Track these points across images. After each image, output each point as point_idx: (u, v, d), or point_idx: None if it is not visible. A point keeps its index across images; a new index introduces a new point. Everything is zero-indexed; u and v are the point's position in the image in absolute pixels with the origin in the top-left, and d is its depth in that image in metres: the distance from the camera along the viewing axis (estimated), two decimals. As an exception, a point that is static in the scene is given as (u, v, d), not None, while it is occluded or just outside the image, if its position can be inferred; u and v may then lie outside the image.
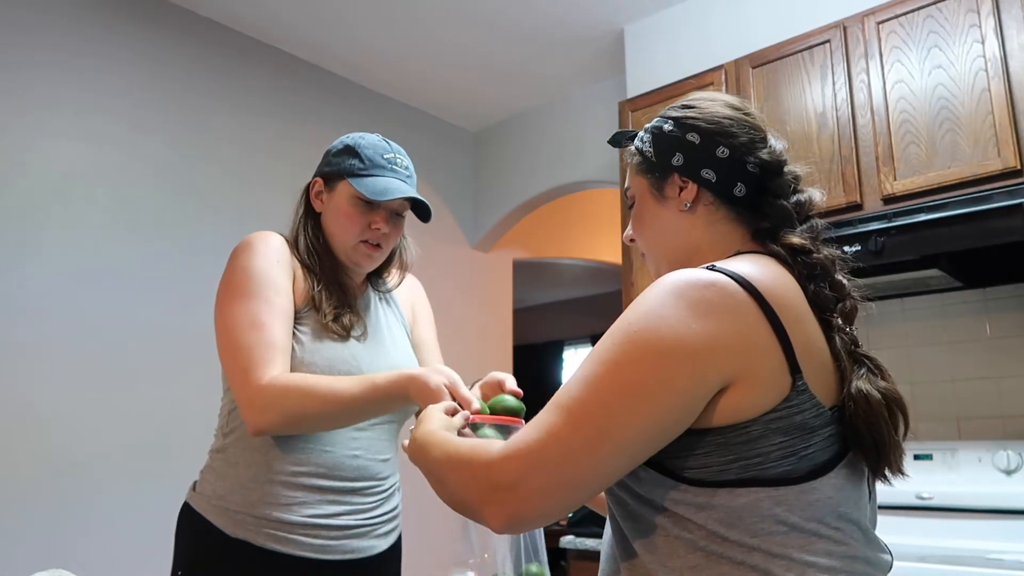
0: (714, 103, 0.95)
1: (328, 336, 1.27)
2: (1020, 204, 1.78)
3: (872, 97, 2.14)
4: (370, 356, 1.32)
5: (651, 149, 0.95)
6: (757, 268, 0.81)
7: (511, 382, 1.18)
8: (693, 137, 0.92)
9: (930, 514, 1.95)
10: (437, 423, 0.94)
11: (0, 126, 2.37)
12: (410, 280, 1.53)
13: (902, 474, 0.82)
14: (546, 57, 3.27)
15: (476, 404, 1.08)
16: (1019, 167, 1.86)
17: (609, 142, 1.06)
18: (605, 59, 3.25)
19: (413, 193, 1.34)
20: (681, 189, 0.92)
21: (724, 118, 0.92)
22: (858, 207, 2.09)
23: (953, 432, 2.17)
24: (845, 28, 2.23)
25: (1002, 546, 1.78)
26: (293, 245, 1.36)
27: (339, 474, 1.27)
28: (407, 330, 1.46)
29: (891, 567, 0.81)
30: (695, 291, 0.76)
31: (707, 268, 0.79)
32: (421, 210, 1.38)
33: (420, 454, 0.89)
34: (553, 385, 7.42)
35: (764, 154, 0.91)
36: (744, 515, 0.74)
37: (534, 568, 1.06)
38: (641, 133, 0.99)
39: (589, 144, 3.45)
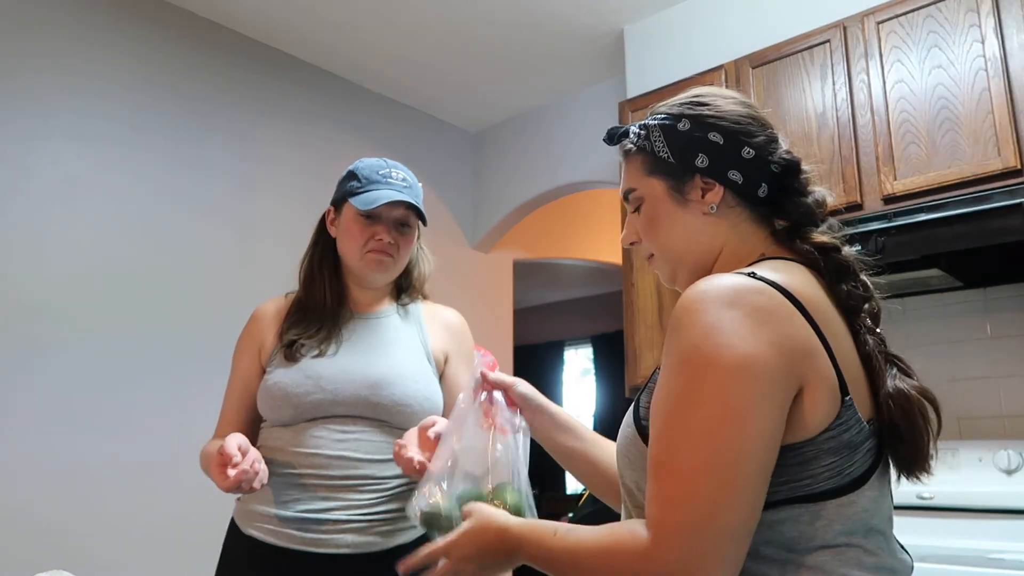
0: (727, 100, 0.91)
1: (283, 364, 1.40)
2: (1020, 204, 1.78)
3: (872, 97, 2.14)
4: (335, 369, 1.38)
5: (667, 149, 0.90)
6: (793, 277, 0.79)
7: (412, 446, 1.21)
8: (716, 137, 0.88)
9: (931, 514, 1.95)
10: (500, 514, 0.87)
11: (0, 128, 2.37)
12: (452, 317, 1.56)
13: (929, 473, 0.81)
14: (546, 57, 3.27)
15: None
16: (1019, 167, 1.86)
17: (604, 140, 0.99)
18: (605, 59, 3.25)
19: (403, 198, 1.40)
20: (704, 191, 0.88)
21: (743, 116, 0.89)
22: (858, 207, 2.10)
23: (953, 432, 2.17)
24: (845, 28, 2.23)
25: (1003, 546, 1.78)
26: (300, 275, 1.50)
27: (328, 472, 1.33)
28: (426, 349, 1.48)
29: (912, 568, 0.81)
30: (747, 298, 0.74)
31: (748, 275, 0.77)
32: (420, 215, 1.46)
33: (535, 557, 0.81)
34: (553, 385, 7.42)
35: (784, 153, 0.90)
36: (784, 529, 0.73)
37: (509, 495, 0.92)
38: (640, 131, 0.93)
39: (589, 144, 3.45)
